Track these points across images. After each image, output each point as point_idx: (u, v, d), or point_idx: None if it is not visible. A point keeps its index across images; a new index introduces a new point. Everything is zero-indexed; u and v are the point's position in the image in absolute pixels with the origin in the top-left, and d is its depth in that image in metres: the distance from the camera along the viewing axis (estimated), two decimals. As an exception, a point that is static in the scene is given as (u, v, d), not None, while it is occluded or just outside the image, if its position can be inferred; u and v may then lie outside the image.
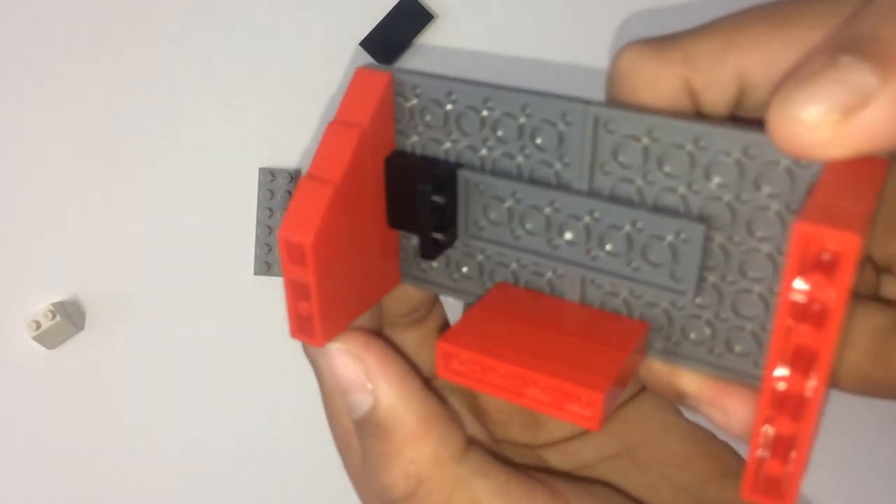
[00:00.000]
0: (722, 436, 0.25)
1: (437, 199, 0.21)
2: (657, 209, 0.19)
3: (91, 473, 0.46)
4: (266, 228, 0.46)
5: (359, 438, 0.22)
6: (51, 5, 0.48)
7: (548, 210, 0.20)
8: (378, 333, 0.23)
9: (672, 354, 0.21)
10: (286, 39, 0.48)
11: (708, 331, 0.20)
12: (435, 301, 0.25)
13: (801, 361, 0.16)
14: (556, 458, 0.26)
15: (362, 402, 0.21)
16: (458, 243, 0.22)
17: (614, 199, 0.20)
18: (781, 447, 0.17)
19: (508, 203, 0.21)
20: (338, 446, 0.24)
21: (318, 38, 0.48)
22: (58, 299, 0.46)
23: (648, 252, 0.20)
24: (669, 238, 0.19)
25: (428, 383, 0.23)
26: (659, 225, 0.19)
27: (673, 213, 0.19)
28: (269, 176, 0.46)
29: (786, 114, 0.16)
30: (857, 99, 0.15)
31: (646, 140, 0.19)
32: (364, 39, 0.47)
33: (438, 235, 0.21)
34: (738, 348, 0.20)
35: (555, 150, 0.20)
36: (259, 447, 0.46)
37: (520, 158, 0.20)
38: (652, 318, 0.21)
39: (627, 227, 0.20)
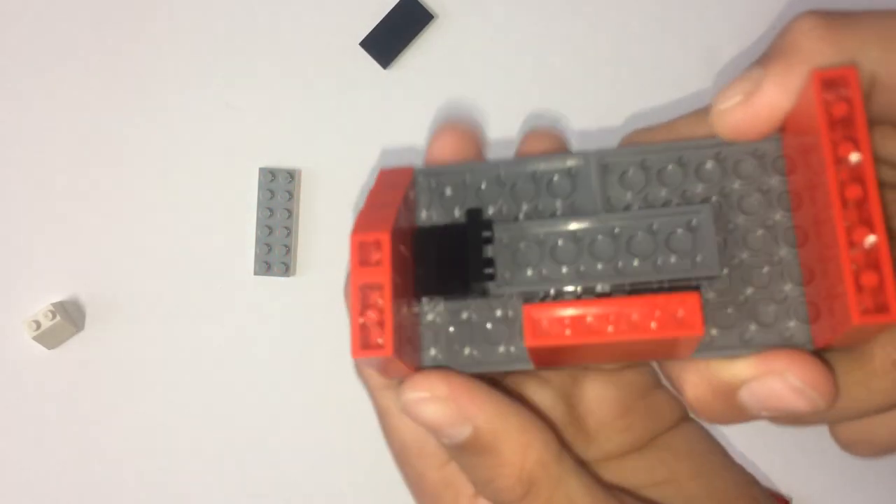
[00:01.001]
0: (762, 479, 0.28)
1: (486, 233, 0.23)
2: (667, 207, 0.23)
3: (91, 473, 0.46)
4: (266, 228, 0.46)
5: (456, 458, 0.24)
6: (50, 4, 0.48)
7: (574, 236, 0.23)
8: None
9: (705, 349, 0.23)
10: (286, 39, 0.48)
11: (732, 312, 0.22)
12: None
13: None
14: (608, 476, 0.27)
15: (459, 433, 0.23)
16: (479, 312, 0.23)
17: (630, 210, 0.23)
18: (871, 259, 0.19)
19: (536, 240, 0.23)
20: (396, 461, 0.26)
21: (319, 37, 0.48)
22: (58, 299, 0.46)
23: (672, 243, 0.22)
24: (686, 224, 0.22)
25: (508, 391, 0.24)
26: (673, 217, 0.23)
27: (680, 205, 0.23)
28: (269, 176, 0.46)
29: (714, 110, 0.23)
30: (752, 85, 0.22)
31: (642, 165, 0.24)
32: (364, 39, 0.47)
33: (487, 269, 0.23)
34: (763, 318, 0.22)
35: (569, 192, 0.24)
36: (259, 447, 0.46)
37: (537, 204, 0.24)
38: None
39: (648, 229, 0.23)
